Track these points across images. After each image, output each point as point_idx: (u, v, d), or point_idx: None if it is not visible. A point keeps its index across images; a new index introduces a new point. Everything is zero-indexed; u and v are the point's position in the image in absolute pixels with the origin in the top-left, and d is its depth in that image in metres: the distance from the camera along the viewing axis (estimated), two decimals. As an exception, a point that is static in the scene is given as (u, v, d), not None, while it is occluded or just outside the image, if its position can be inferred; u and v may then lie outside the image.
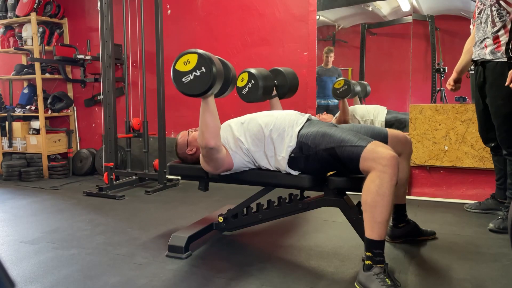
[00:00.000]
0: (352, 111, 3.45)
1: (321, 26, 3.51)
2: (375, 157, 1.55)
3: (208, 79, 1.60)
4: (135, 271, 1.83)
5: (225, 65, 1.82)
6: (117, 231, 2.41)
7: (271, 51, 3.64)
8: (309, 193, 2.03)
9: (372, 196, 1.54)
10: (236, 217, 2.14)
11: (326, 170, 1.80)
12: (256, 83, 2.22)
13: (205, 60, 1.61)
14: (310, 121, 1.88)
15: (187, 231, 2.08)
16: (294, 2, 3.54)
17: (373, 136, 1.85)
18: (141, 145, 3.91)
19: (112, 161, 3.51)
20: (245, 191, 2.17)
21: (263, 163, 1.88)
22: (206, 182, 2.13)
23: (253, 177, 1.93)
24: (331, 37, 3.61)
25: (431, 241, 2.13)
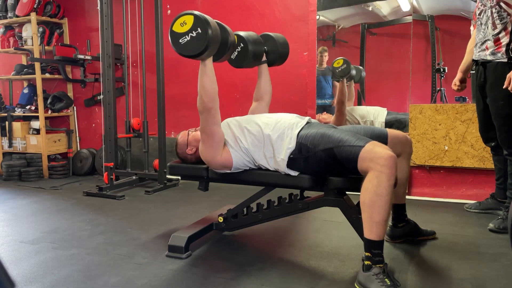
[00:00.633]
0: (352, 111, 3.46)
1: (321, 26, 3.51)
2: (373, 157, 1.55)
3: (204, 40, 1.63)
4: (135, 271, 1.83)
5: (223, 28, 1.82)
6: (117, 231, 2.41)
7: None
8: (309, 193, 2.03)
9: (370, 196, 1.54)
10: (236, 217, 2.14)
11: (325, 172, 1.79)
12: (245, 47, 2.11)
13: (201, 21, 1.64)
14: (309, 124, 1.88)
15: (187, 231, 2.08)
16: (294, 2, 3.54)
17: (373, 136, 1.85)
18: (141, 145, 3.91)
19: (112, 161, 3.51)
20: (245, 191, 2.17)
21: (262, 162, 1.88)
22: (206, 182, 2.13)
23: (253, 177, 1.93)
24: (331, 37, 3.61)
25: (431, 241, 2.13)
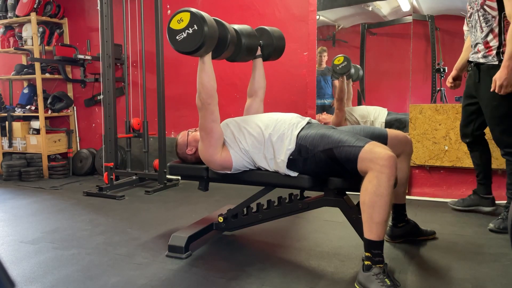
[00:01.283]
0: (352, 112, 3.46)
1: (321, 26, 3.51)
2: (372, 157, 1.55)
3: (199, 37, 1.64)
4: (135, 271, 1.83)
5: (221, 25, 1.81)
6: (117, 231, 2.41)
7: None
8: (309, 193, 2.03)
9: (370, 196, 1.53)
10: (236, 217, 2.13)
11: (324, 173, 1.78)
12: (239, 40, 2.05)
13: (197, 18, 1.65)
14: (309, 124, 1.88)
15: (187, 231, 2.08)
16: (294, 2, 3.54)
17: (372, 137, 1.85)
18: (141, 145, 3.91)
19: (112, 161, 3.51)
20: (245, 191, 2.17)
21: (263, 164, 1.88)
22: (206, 182, 2.13)
23: (253, 177, 1.93)
24: (331, 37, 3.60)
25: (431, 241, 2.13)
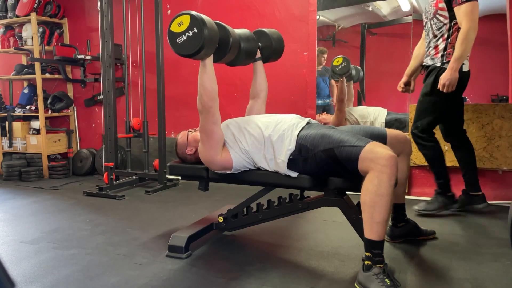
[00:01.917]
0: (352, 112, 3.46)
1: (321, 26, 3.51)
2: (373, 157, 1.55)
3: (199, 40, 1.64)
4: (135, 271, 1.83)
5: (223, 28, 1.81)
6: (117, 231, 2.41)
7: (271, 51, 3.63)
8: (309, 193, 2.03)
9: (370, 196, 1.54)
10: (236, 217, 2.14)
11: (324, 173, 1.78)
12: (238, 45, 2.03)
13: (197, 21, 1.65)
14: (309, 124, 1.88)
15: (187, 231, 2.08)
16: (294, 2, 3.54)
17: (372, 137, 1.85)
18: (141, 145, 3.91)
19: (112, 161, 3.52)
20: (245, 191, 2.17)
21: (263, 164, 1.87)
22: (206, 182, 2.13)
23: (253, 177, 1.93)
24: (331, 37, 3.61)
25: (431, 241, 2.13)
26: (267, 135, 1.83)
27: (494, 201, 2.85)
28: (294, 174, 1.80)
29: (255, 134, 1.85)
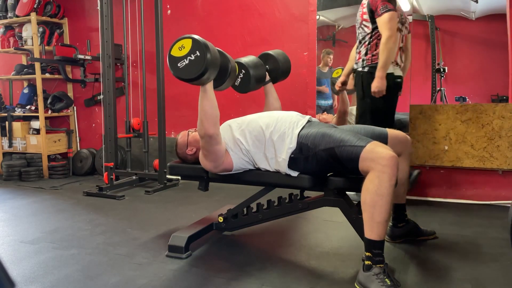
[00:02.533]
0: (352, 111, 3.45)
1: (321, 26, 3.50)
2: (374, 157, 1.55)
3: (202, 63, 1.62)
4: (135, 271, 1.83)
5: (223, 55, 1.81)
6: (117, 231, 2.41)
7: (271, 51, 3.63)
8: (309, 193, 2.03)
9: (371, 196, 1.54)
10: (236, 217, 2.14)
11: (325, 171, 1.80)
12: (247, 72, 2.14)
13: (200, 44, 1.63)
14: (310, 123, 1.88)
15: (187, 231, 2.08)
16: (294, 2, 3.54)
17: (373, 136, 1.85)
18: (141, 145, 3.91)
19: (112, 161, 3.51)
20: (245, 191, 2.17)
21: (263, 165, 1.87)
22: (206, 182, 2.13)
23: (253, 177, 1.93)
24: (331, 37, 3.60)
25: (431, 241, 2.13)
26: (268, 134, 1.83)
27: (494, 201, 2.85)
28: (294, 173, 1.80)
29: (255, 133, 1.85)
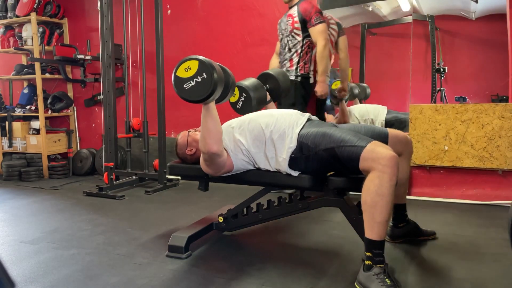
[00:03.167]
0: (352, 111, 3.45)
1: (321, 26, 3.50)
2: (374, 157, 1.55)
3: (209, 85, 1.60)
4: (135, 271, 1.83)
5: (224, 71, 1.81)
6: (117, 231, 2.41)
7: (271, 51, 3.62)
8: (309, 193, 2.02)
9: (371, 196, 1.53)
10: (236, 217, 2.13)
11: (326, 170, 1.80)
12: (248, 96, 2.20)
13: (206, 66, 1.61)
14: (310, 121, 1.88)
15: (187, 231, 2.08)
16: (294, 2, 3.53)
17: (373, 136, 1.85)
18: (141, 145, 3.91)
19: (112, 161, 3.51)
20: (245, 191, 2.17)
21: (263, 165, 1.87)
22: (206, 182, 2.13)
23: (254, 177, 1.93)
24: (331, 37, 3.60)
25: (431, 241, 2.13)
26: (268, 134, 1.83)
27: (494, 201, 2.85)
28: (295, 173, 1.80)
29: (256, 133, 1.85)
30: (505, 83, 2.96)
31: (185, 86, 1.64)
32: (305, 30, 2.90)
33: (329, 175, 1.83)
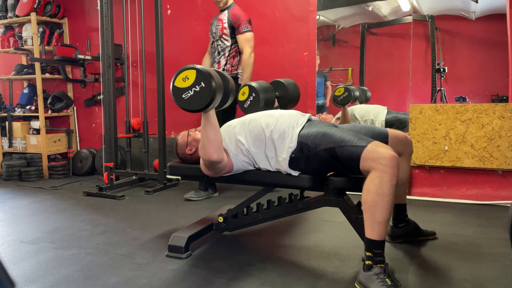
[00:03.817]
0: (352, 111, 3.46)
1: (321, 26, 3.51)
2: (375, 157, 1.55)
3: (208, 94, 1.60)
4: (135, 271, 1.83)
5: (223, 77, 1.81)
6: (117, 231, 2.41)
7: (271, 51, 3.63)
8: (309, 193, 2.02)
9: (372, 196, 1.53)
10: (236, 217, 2.13)
11: (326, 170, 1.80)
12: (257, 96, 2.23)
13: (204, 75, 1.60)
14: (310, 121, 1.88)
15: (187, 231, 2.08)
16: (294, 2, 3.54)
17: (373, 136, 1.85)
18: (141, 145, 3.91)
19: (112, 161, 3.51)
20: (245, 191, 2.17)
21: (263, 165, 1.87)
22: (206, 182, 2.13)
23: (254, 177, 1.93)
24: (331, 37, 3.61)
25: (431, 241, 2.13)
26: (268, 133, 1.83)
27: (494, 201, 2.85)
28: (295, 173, 1.80)
29: (256, 132, 1.85)
30: (505, 83, 2.96)
31: (184, 96, 1.63)
32: (233, 36, 3.04)
33: (329, 175, 1.83)
